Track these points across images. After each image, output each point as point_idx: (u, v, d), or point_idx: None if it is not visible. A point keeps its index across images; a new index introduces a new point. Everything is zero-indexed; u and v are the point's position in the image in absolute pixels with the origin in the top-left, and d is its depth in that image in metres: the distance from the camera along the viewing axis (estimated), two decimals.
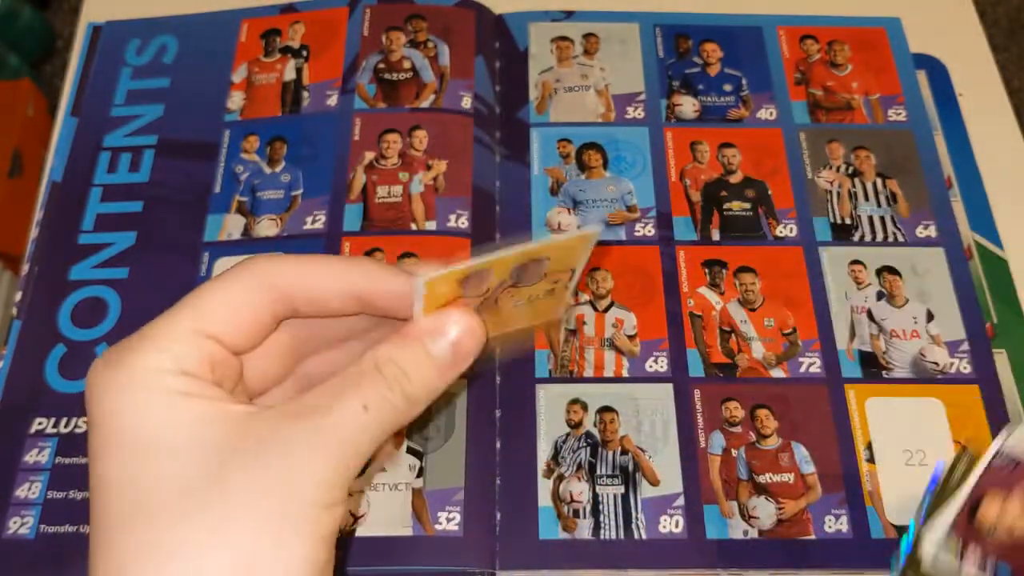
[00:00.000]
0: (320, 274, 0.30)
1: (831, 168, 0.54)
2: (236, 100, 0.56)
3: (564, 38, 0.59)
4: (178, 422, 0.27)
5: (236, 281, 0.29)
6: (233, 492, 0.26)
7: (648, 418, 0.46)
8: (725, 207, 0.53)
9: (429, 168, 0.53)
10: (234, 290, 0.29)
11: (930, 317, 0.50)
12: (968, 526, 0.38)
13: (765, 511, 0.45)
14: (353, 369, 0.29)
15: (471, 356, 0.31)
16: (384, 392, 0.28)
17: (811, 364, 0.48)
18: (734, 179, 0.54)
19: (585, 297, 0.50)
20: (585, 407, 0.47)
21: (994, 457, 0.39)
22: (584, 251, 0.31)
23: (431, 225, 0.51)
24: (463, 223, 0.51)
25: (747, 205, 0.53)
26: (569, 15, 0.59)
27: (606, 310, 0.49)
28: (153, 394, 0.27)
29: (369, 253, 0.50)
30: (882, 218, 0.53)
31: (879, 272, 0.51)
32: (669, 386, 0.47)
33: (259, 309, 0.30)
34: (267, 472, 0.26)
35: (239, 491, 0.26)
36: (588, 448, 0.46)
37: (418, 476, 0.45)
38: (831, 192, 0.54)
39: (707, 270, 0.51)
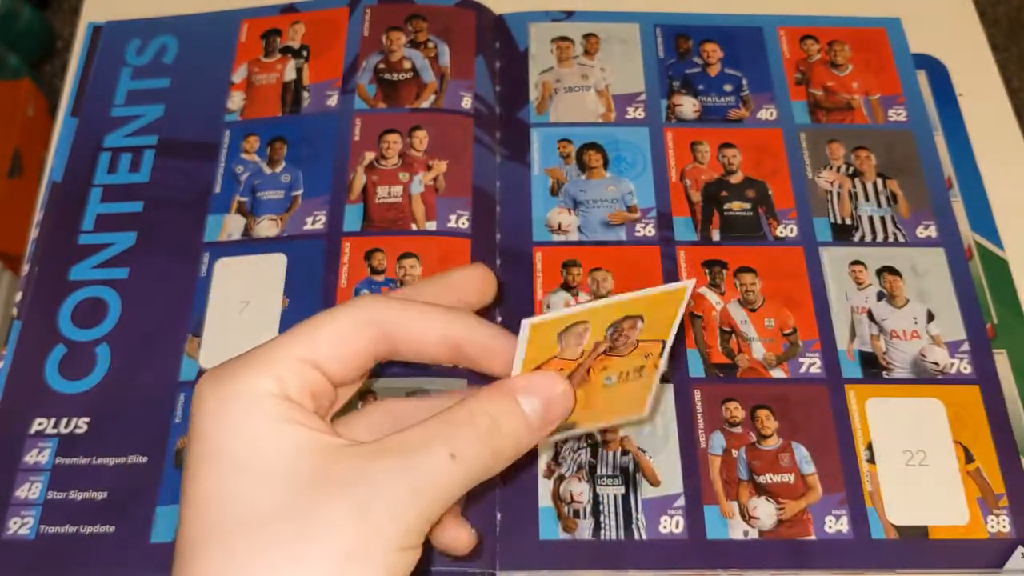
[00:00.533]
0: (423, 319, 0.31)
1: (831, 168, 0.54)
2: (236, 100, 0.56)
3: (564, 38, 0.58)
4: (274, 448, 0.28)
5: (346, 316, 0.30)
6: (315, 524, 0.26)
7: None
8: (725, 207, 0.53)
9: (429, 168, 0.53)
10: (344, 324, 0.30)
11: (930, 317, 0.50)
12: None
13: (765, 511, 0.45)
14: (446, 415, 0.29)
15: (557, 421, 0.31)
16: (474, 443, 0.29)
17: (811, 364, 0.48)
18: (734, 179, 0.54)
19: (585, 297, 0.50)
20: None
21: None
22: (676, 311, 0.31)
23: (431, 225, 0.51)
24: (463, 223, 0.51)
25: (747, 205, 0.53)
26: (569, 15, 0.59)
27: None
28: (255, 416, 0.28)
29: (369, 253, 0.50)
30: (882, 218, 0.53)
31: (879, 272, 0.51)
32: (669, 386, 0.47)
33: (365, 345, 0.31)
34: (350, 509, 0.27)
35: (321, 524, 0.26)
36: (588, 448, 0.46)
37: None
38: (831, 192, 0.54)
39: (707, 270, 0.51)
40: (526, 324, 0.29)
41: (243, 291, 0.50)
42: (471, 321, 0.32)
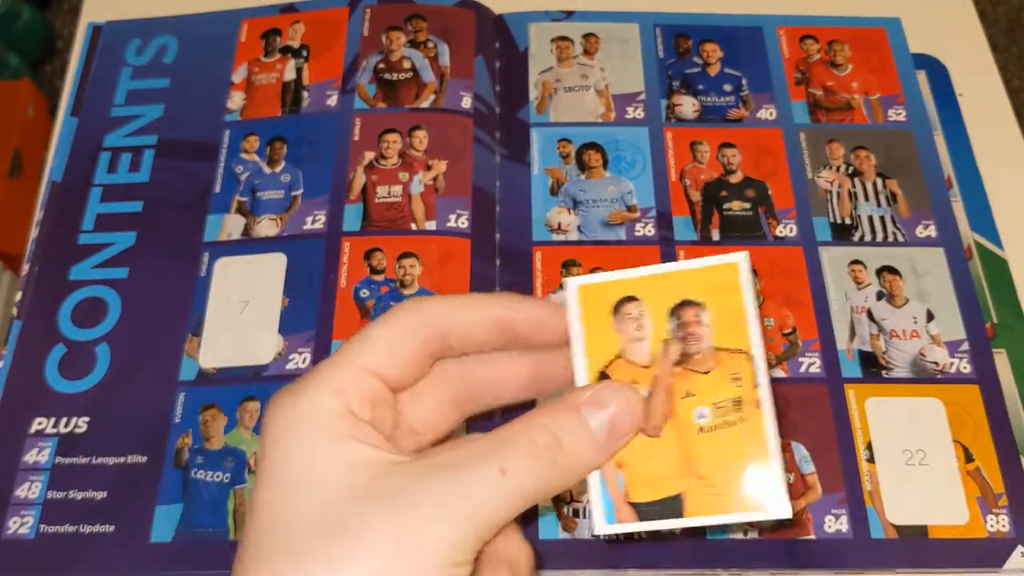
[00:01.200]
0: (467, 306, 0.32)
1: (831, 168, 0.54)
2: (236, 100, 0.56)
3: (564, 38, 0.59)
4: (330, 464, 0.28)
5: (394, 319, 0.31)
6: (358, 539, 0.26)
7: None
8: (725, 207, 0.53)
9: (429, 168, 0.53)
10: (393, 327, 0.31)
11: (930, 317, 0.50)
12: None
13: None
14: (501, 430, 0.29)
15: (627, 435, 0.30)
16: (529, 459, 0.28)
17: (811, 364, 0.48)
18: (734, 179, 0.54)
19: None
20: None
21: None
22: (741, 301, 0.29)
23: (431, 225, 0.51)
24: (463, 223, 0.51)
25: (747, 205, 0.53)
26: (569, 15, 0.59)
27: None
28: (313, 433, 0.29)
29: (369, 253, 0.50)
30: (882, 218, 0.53)
31: (879, 272, 0.51)
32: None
33: (416, 345, 0.31)
34: (394, 524, 0.26)
35: (364, 539, 0.26)
36: None
37: None
38: (831, 192, 0.54)
39: None
40: (573, 284, 0.28)
41: (243, 291, 0.50)
42: (515, 299, 0.32)
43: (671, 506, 0.29)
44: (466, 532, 0.27)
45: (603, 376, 0.30)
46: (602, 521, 0.30)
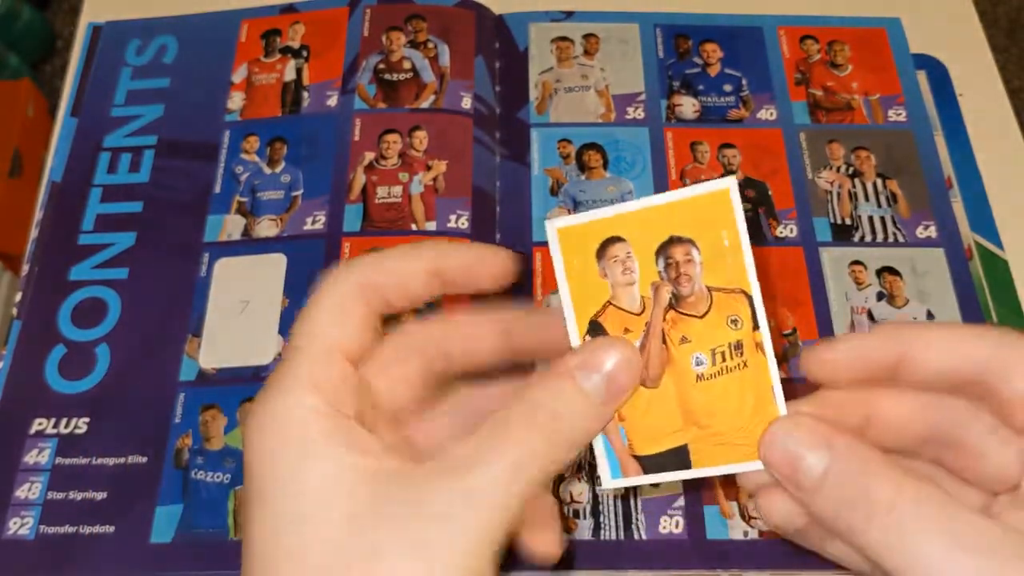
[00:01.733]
0: (395, 258, 0.30)
1: (831, 168, 0.54)
2: (236, 100, 0.56)
3: (564, 38, 0.58)
4: (323, 483, 0.26)
5: (332, 289, 0.30)
6: (374, 561, 0.25)
7: None
8: None
9: (429, 168, 0.53)
10: (333, 298, 0.30)
11: (930, 318, 0.50)
12: None
13: None
14: (502, 416, 0.27)
15: (626, 391, 0.28)
16: (533, 444, 0.27)
17: None
18: None
19: None
20: None
21: None
22: (736, 236, 0.27)
23: (431, 225, 0.51)
24: (463, 223, 0.51)
25: (747, 205, 0.53)
26: (569, 15, 0.59)
27: None
28: (300, 444, 0.27)
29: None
30: (882, 218, 0.53)
31: (879, 272, 0.51)
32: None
33: (361, 307, 0.30)
34: (411, 546, 0.25)
35: (380, 560, 0.25)
36: (588, 448, 0.46)
37: None
38: (831, 192, 0.54)
39: None
40: (551, 227, 0.27)
41: (243, 291, 0.50)
42: (446, 245, 0.31)
43: (677, 458, 0.28)
44: (487, 535, 0.26)
45: (594, 325, 0.28)
46: (607, 476, 0.29)
